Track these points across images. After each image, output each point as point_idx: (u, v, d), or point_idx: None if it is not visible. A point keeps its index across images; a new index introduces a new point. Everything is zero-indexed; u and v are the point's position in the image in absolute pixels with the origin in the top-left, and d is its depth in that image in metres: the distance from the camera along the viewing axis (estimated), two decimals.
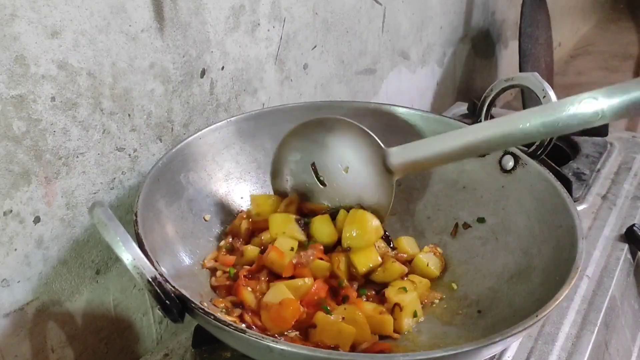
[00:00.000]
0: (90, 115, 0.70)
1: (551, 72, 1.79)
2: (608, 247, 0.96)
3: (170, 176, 0.74)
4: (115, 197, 0.76)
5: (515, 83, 0.83)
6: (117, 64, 0.71)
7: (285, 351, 0.52)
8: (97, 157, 0.72)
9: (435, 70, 1.57)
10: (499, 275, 0.76)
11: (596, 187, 1.11)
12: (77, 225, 0.72)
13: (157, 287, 0.55)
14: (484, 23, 1.80)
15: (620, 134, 1.31)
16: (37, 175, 0.66)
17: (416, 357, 0.53)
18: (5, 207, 0.63)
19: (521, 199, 0.79)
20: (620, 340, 0.88)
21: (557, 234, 0.71)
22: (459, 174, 0.86)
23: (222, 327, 0.54)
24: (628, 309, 0.93)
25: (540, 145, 0.80)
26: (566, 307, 0.83)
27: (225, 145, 0.82)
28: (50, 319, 0.71)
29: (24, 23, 0.61)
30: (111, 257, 0.77)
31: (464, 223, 0.84)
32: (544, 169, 0.78)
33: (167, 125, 0.81)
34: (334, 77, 1.14)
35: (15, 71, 0.61)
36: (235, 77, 0.90)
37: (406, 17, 1.34)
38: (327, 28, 1.09)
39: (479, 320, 0.71)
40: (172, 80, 0.79)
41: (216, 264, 0.74)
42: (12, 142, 0.62)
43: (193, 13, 0.80)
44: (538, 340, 0.77)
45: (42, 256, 0.69)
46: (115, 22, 0.70)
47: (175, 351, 0.76)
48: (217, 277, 0.73)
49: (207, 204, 0.79)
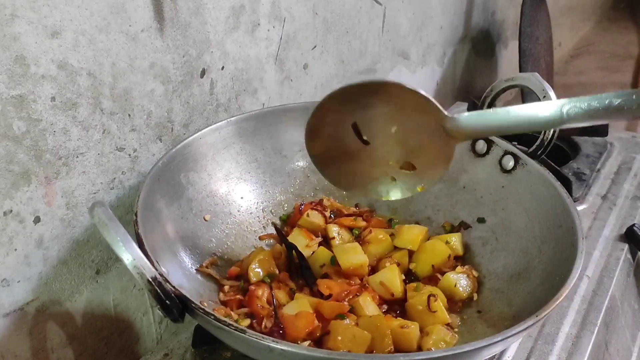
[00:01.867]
0: (90, 115, 0.70)
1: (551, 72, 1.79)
2: (608, 247, 0.96)
3: (170, 176, 0.74)
4: (115, 197, 0.76)
5: (515, 83, 0.83)
6: (117, 64, 0.71)
7: (285, 351, 0.52)
8: (97, 157, 0.72)
9: (435, 70, 1.57)
10: (499, 275, 0.76)
11: (596, 187, 1.11)
12: (77, 225, 0.72)
13: (157, 287, 0.55)
14: (484, 23, 1.80)
15: (620, 134, 1.31)
16: (37, 175, 0.66)
17: (416, 357, 0.53)
18: (5, 207, 0.63)
19: (521, 199, 0.79)
20: (620, 340, 0.88)
21: (557, 234, 0.71)
22: (459, 174, 0.86)
23: (222, 327, 0.54)
24: (628, 309, 0.93)
25: (541, 145, 0.80)
26: (566, 307, 0.82)
27: (225, 145, 0.82)
28: (50, 319, 0.71)
29: (24, 23, 0.60)
30: (111, 257, 0.77)
31: (464, 223, 0.84)
32: (544, 169, 0.78)
33: (167, 125, 0.81)
34: (334, 77, 1.14)
35: (15, 71, 0.61)
36: (235, 77, 0.90)
37: (406, 17, 1.34)
38: (327, 28, 1.08)
39: (479, 320, 0.71)
40: (172, 80, 0.79)
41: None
42: (12, 142, 0.62)
43: (193, 13, 0.80)
44: (538, 340, 0.77)
45: (42, 256, 0.69)
46: (115, 22, 0.70)
47: (175, 351, 0.76)
48: (225, 291, 0.74)
49: (207, 204, 0.79)
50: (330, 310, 0.69)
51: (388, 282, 0.74)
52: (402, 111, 0.68)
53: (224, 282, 0.75)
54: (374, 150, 0.70)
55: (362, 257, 0.77)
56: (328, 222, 0.84)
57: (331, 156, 0.71)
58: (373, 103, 0.68)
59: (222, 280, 0.75)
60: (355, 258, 0.77)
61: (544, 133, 0.79)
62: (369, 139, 0.70)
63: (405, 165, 0.70)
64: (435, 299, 0.70)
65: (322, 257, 0.78)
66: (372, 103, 0.68)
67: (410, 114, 0.68)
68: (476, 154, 0.85)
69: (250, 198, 0.84)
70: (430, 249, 0.80)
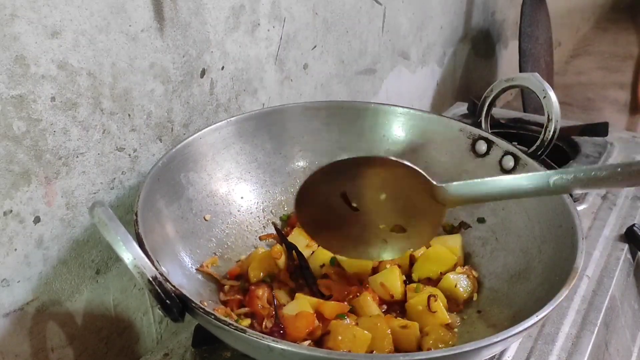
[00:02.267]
0: (90, 115, 0.70)
1: (551, 72, 1.79)
2: (608, 247, 0.96)
3: (170, 176, 0.74)
4: (115, 197, 0.76)
5: (515, 83, 0.83)
6: (117, 64, 0.71)
7: (285, 351, 0.52)
8: (97, 157, 0.72)
9: (435, 70, 1.57)
10: (499, 275, 0.76)
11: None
12: (77, 225, 0.72)
13: (158, 286, 0.55)
14: (484, 23, 1.80)
15: (620, 134, 1.31)
16: (37, 175, 0.66)
17: (416, 357, 0.53)
18: (5, 207, 0.63)
19: (521, 199, 0.79)
20: (620, 340, 0.88)
21: (557, 234, 0.71)
22: (459, 174, 0.86)
23: (222, 326, 0.54)
24: (628, 309, 0.93)
25: (541, 146, 0.80)
26: (566, 307, 0.82)
27: (225, 145, 0.82)
28: (50, 318, 0.71)
29: (24, 23, 0.61)
30: (111, 257, 0.77)
31: (464, 223, 0.84)
32: (544, 169, 0.78)
33: (167, 125, 0.81)
34: (334, 77, 1.14)
35: (15, 71, 0.61)
36: (235, 77, 0.90)
37: (406, 17, 1.34)
38: (327, 28, 1.09)
39: (479, 320, 0.71)
40: (172, 80, 0.79)
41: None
42: (12, 142, 0.62)
43: (193, 13, 0.80)
44: (538, 340, 0.77)
45: (42, 256, 0.69)
46: (115, 22, 0.70)
47: (175, 351, 0.76)
48: (225, 291, 0.74)
49: (207, 204, 0.79)
50: (330, 311, 0.69)
51: (388, 284, 0.74)
52: (391, 180, 0.72)
53: (224, 282, 0.75)
54: (363, 216, 0.73)
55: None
56: None
57: (321, 223, 0.75)
58: (362, 174, 0.72)
59: (222, 280, 0.75)
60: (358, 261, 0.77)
61: (544, 133, 0.79)
62: (359, 206, 0.73)
63: (395, 228, 0.73)
64: (435, 299, 0.70)
65: (322, 257, 0.78)
66: (361, 174, 0.72)
67: (399, 182, 0.72)
68: (476, 154, 0.85)
69: (250, 198, 0.84)
70: (434, 257, 0.78)
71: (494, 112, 0.87)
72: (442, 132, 0.87)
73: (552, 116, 0.78)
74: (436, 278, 0.77)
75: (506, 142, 0.83)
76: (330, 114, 0.89)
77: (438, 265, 0.77)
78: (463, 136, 0.86)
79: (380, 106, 0.90)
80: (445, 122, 0.88)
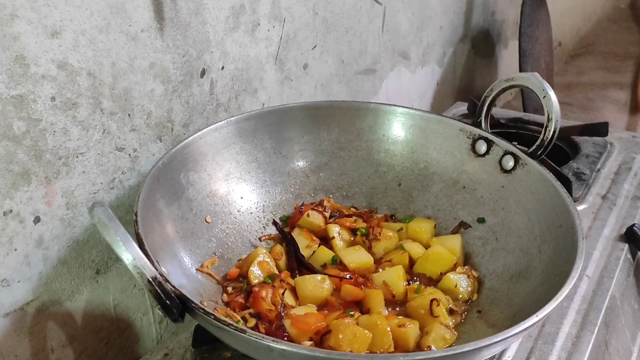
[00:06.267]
0: (90, 115, 0.70)
1: (551, 72, 1.79)
2: (608, 247, 0.96)
3: (170, 176, 0.74)
4: (115, 197, 0.76)
5: (515, 83, 0.83)
6: (117, 64, 0.71)
7: (285, 351, 0.52)
8: (97, 157, 0.72)
9: (435, 70, 1.57)
10: (499, 275, 0.76)
11: (596, 187, 1.11)
12: (77, 225, 0.72)
13: (158, 286, 0.55)
14: (484, 23, 1.80)
15: (620, 134, 1.31)
16: (37, 175, 0.66)
17: (416, 357, 0.53)
18: (5, 207, 0.63)
19: (521, 199, 0.79)
20: (620, 340, 0.88)
21: (557, 234, 0.71)
22: (459, 174, 0.86)
23: (222, 326, 0.54)
24: (628, 309, 0.93)
25: (541, 145, 0.80)
26: (566, 307, 0.82)
27: (225, 145, 0.82)
28: (50, 319, 0.71)
29: (24, 23, 0.61)
30: (111, 257, 0.77)
31: (464, 223, 0.84)
32: (544, 169, 0.78)
33: (167, 125, 0.81)
34: (334, 77, 1.14)
35: (15, 71, 0.61)
36: (235, 77, 0.90)
37: (406, 17, 1.34)
38: (327, 28, 1.09)
39: (479, 320, 0.71)
40: (172, 80, 0.79)
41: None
42: (12, 142, 0.62)
43: (193, 13, 0.80)
44: (538, 340, 0.77)
45: (42, 256, 0.69)
46: (115, 22, 0.70)
47: (175, 351, 0.76)
48: (228, 293, 0.74)
49: (207, 204, 0.79)
50: (347, 292, 0.71)
51: (391, 283, 0.74)
52: None
53: (226, 283, 0.75)
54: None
55: (365, 256, 0.79)
56: (328, 223, 0.84)
57: None
58: None
59: (224, 282, 0.75)
60: (359, 256, 0.78)
61: (544, 133, 0.79)
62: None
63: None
64: (438, 304, 0.70)
65: (322, 257, 0.78)
66: None
67: None
68: (476, 154, 0.85)
69: (250, 198, 0.84)
70: (434, 258, 0.79)
71: (494, 112, 0.87)
72: (442, 132, 0.87)
73: (552, 116, 0.78)
74: (436, 278, 0.77)
75: (506, 141, 0.83)
76: (330, 114, 0.89)
77: (438, 266, 0.77)
78: (463, 136, 0.86)
79: (380, 106, 0.90)
80: (445, 122, 0.88)
